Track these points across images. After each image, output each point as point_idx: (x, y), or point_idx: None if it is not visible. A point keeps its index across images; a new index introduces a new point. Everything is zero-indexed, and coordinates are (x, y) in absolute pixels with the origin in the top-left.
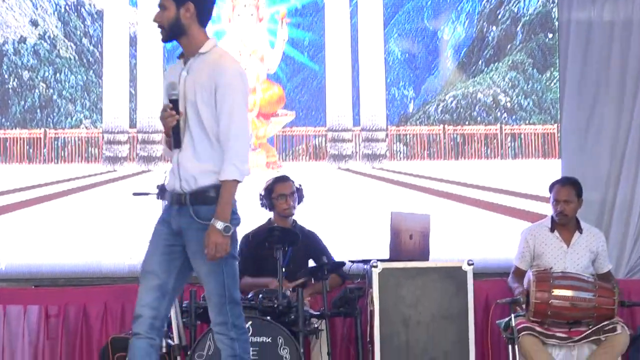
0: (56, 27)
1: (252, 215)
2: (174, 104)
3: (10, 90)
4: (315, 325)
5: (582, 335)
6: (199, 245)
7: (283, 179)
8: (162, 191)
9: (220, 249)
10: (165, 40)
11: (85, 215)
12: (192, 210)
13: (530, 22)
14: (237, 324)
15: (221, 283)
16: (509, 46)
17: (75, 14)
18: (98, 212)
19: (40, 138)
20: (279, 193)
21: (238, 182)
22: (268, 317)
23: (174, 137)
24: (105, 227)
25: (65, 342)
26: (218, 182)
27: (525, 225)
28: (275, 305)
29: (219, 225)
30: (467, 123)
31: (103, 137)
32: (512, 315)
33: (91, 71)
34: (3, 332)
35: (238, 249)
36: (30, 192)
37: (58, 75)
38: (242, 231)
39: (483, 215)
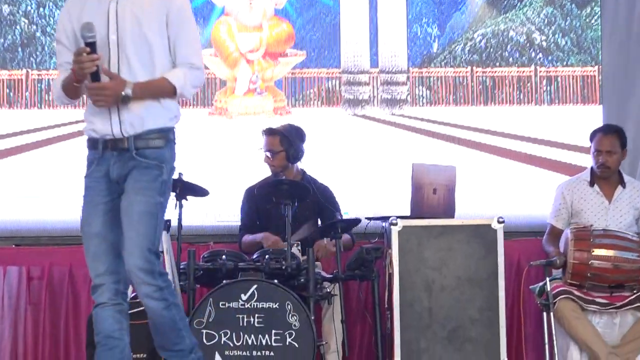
0: None
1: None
2: (91, 46)
3: None
4: (328, 290)
5: (626, 300)
6: (143, 183)
7: (267, 132)
8: None
9: (109, 99)
10: None
11: (72, 166)
12: (135, 154)
13: None
14: (163, 272)
15: (153, 227)
16: None
17: None
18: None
19: (21, 80)
20: (262, 146)
21: (175, 94)
22: (275, 281)
23: (94, 81)
24: None
25: (49, 307)
26: (164, 125)
27: (561, 179)
28: (284, 267)
29: (128, 88)
30: (497, 64)
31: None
32: (547, 279)
33: None
34: None
35: (244, 204)
36: (11, 140)
37: (42, 9)
38: (247, 184)
39: (515, 168)
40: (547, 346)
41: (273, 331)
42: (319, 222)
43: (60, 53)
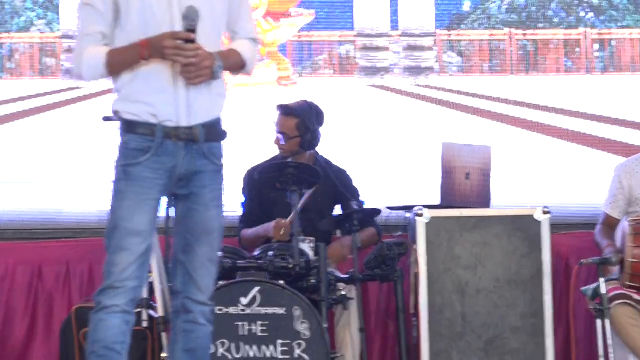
0: None
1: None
2: (193, 32)
3: None
4: (343, 293)
5: None
6: (217, 192)
7: (283, 111)
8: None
9: (208, 73)
10: None
11: (40, 147)
12: (206, 151)
13: None
14: None
15: (221, 242)
16: None
17: None
18: (57, 143)
19: None
20: (274, 122)
21: (241, 70)
22: (281, 282)
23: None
24: (66, 163)
25: (12, 313)
26: (221, 112)
27: (618, 161)
28: (291, 266)
29: (218, 61)
30: (540, 26)
31: (62, 44)
32: (602, 280)
33: None
34: None
35: (244, 191)
36: None
37: None
38: (247, 165)
39: (562, 148)
40: (602, 359)
41: (279, 341)
42: (334, 212)
43: (90, 19)
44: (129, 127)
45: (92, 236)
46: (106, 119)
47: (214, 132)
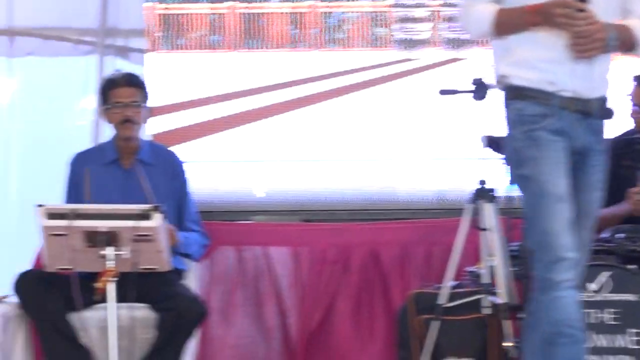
0: None
1: None
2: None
3: None
4: None
5: None
6: (599, 174)
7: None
8: (481, 87)
9: (599, 46)
10: None
11: (371, 122)
12: (596, 125)
13: None
14: None
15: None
16: None
17: None
18: (388, 117)
19: (305, 14)
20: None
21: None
22: (633, 267)
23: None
24: (400, 139)
25: (347, 296)
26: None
27: None
28: None
29: (611, 33)
30: None
31: (392, 13)
32: None
33: None
34: (267, 282)
35: None
36: (293, 89)
37: None
38: None
39: None
40: None
41: (631, 330)
42: None
43: None
44: (520, 93)
45: (429, 217)
46: (443, 92)
47: (605, 108)
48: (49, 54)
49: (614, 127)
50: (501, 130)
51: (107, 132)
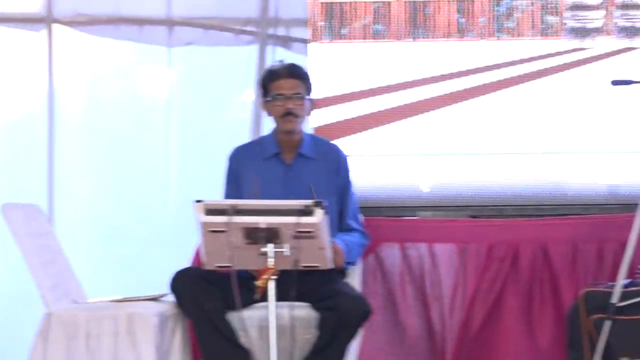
0: None
1: None
2: None
3: None
4: None
5: None
6: None
7: None
8: None
9: None
10: None
11: (539, 114)
12: None
13: None
14: None
15: None
16: None
17: None
18: (558, 109)
19: (474, 2)
20: None
21: None
22: None
23: None
24: (571, 131)
25: (514, 294)
26: None
27: None
28: None
29: None
30: None
31: (564, 1)
32: None
33: None
34: (431, 279)
35: None
36: (460, 81)
37: None
38: None
39: None
40: None
41: None
42: None
43: None
44: None
45: (600, 212)
46: (616, 82)
47: None
48: (209, 44)
49: None
50: None
51: (268, 125)
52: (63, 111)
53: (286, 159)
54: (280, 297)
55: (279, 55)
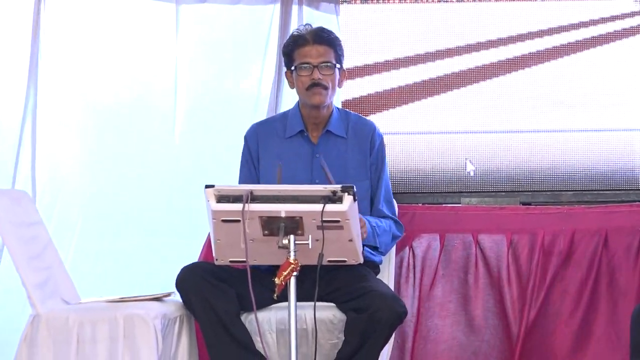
0: None
1: None
2: None
3: None
4: None
5: None
6: None
7: None
8: None
9: None
10: None
11: (596, 85)
12: None
13: None
14: None
15: None
16: None
17: None
18: (619, 80)
19: None
20: None
21: None
22: None
23: None
24: (635, 104)
25: (569, 289)
26: None
27: None
28: None
29: None
30: None
31: None
32: None
33: None
34: (476, 273)
35: None
36: (516, 46)
37: None
38: None
39: None
40: None
41: None
42: None
43: None
44: None
45: None
46: None
47: None
48: (225, 2)
49: None
50: None
51: (287, 100)
52: (50, 84)
53: (312, 137)
54: (302, 296)
55: (305, 18)
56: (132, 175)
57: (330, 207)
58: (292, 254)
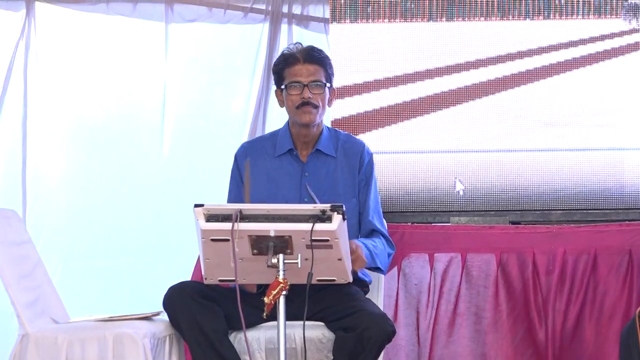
0: None
1: None
2: None
3: None
4: None
5: None
6: None
7: None
8: None
9: None
10: None
11: (587, 104)
12: None
13: None
14: None
15: None
16: None
17: None
18: (609, 99)
19: None
20: None
21: None
22: None
23: None
24: (626, 123)
25: (558, 308)
26: None
27: None
28: None
29: None
30: None
31: None
32: None
33: None
34: (468, 294)
35: None
36: (505, 66)
37: None
38: None
39: None
40: None
41: None
42: None
43: None
44: None
45: None
46: None
47: None
48: (214, 21)
49: None
50: None
51: (272, 120)
52: (41, 102)
53: (302, 156)
54: (291, 315)
55: (295, 36)
56: (119, 194)
57: (319, 226)
58: (281, 273)
